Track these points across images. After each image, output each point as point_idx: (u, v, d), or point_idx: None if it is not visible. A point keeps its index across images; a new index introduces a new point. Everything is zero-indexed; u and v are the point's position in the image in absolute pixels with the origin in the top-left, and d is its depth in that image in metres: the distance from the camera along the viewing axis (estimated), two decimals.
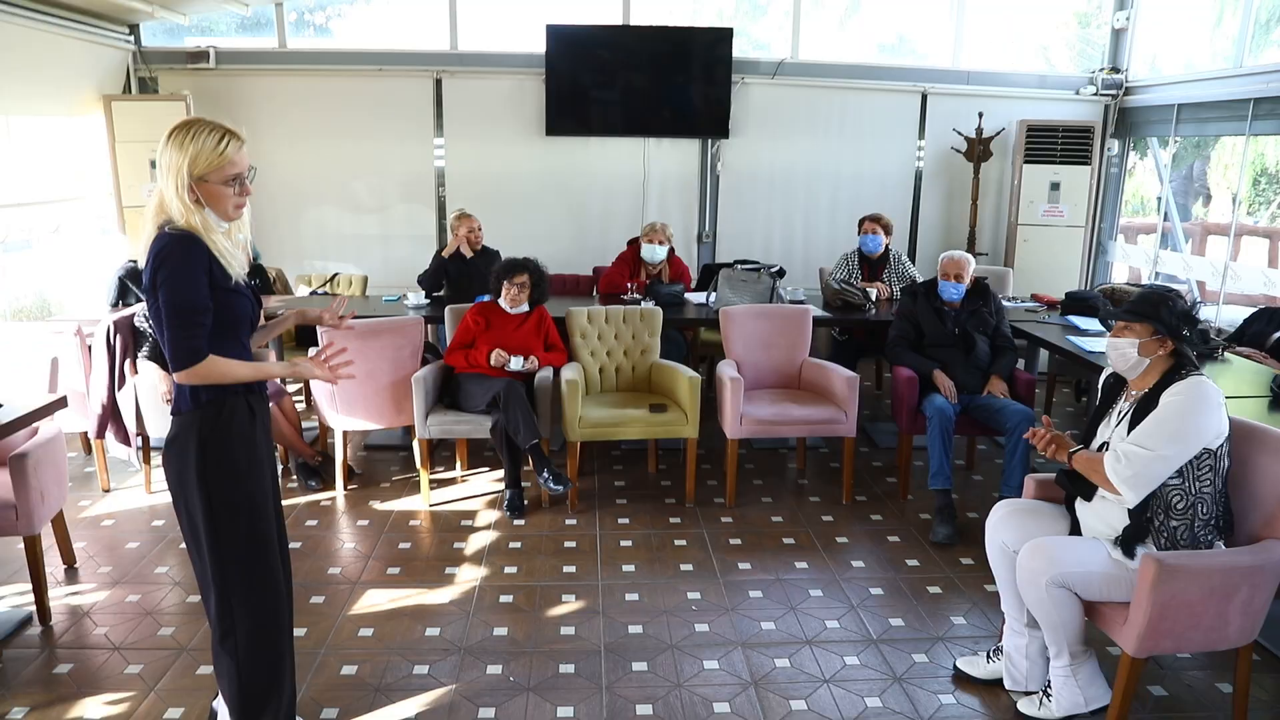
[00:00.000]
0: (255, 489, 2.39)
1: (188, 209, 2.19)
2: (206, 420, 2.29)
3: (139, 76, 6.73)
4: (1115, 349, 2.77)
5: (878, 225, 5.85)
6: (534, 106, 7.09)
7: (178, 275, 2.16)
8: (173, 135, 2.20)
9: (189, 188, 2.20)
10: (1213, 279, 6.37)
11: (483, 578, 3.85)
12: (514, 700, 2.97)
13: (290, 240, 7.19)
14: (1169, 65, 7.31)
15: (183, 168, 2.18)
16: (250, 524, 2.37)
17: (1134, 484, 2.59)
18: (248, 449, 2.37)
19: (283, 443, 4.85)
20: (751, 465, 5.25)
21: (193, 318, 2.18)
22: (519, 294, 4.68)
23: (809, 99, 7.31)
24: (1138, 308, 2.72)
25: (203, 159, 2.20)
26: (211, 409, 2.29)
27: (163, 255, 2.16)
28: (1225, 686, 3.06)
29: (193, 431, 2.28)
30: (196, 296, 2.18)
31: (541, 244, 6.33)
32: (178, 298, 2.16)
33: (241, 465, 2.35)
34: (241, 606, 2.38)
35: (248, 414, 2.37)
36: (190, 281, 2.17)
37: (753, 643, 3.35)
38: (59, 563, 3.84)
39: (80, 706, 2.89)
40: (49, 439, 3.46)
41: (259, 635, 2.40)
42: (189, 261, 2.17)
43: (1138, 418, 2.65)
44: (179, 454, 2.30)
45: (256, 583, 2.40)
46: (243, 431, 2.35)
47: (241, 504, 2.35)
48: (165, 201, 2.21)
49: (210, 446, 2.29)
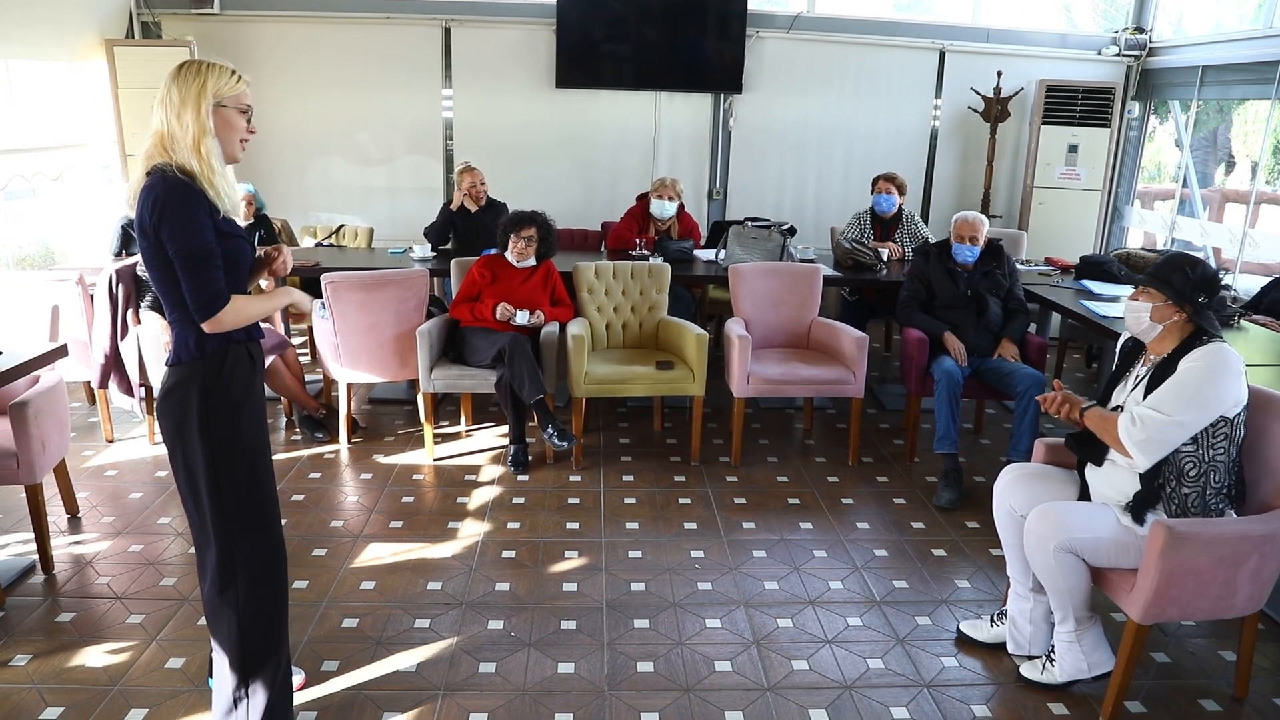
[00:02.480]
0: (256, 438, 2.37)
1: (203, 130, 2.15)
2: (211, 370, 2.24)
3: (142, 21, 6.61)
4: (1131, 312, 2.72)
5: (891, 185, 5.76)
6: (544, 58, 6.97)
7: (183, 221, 2.10)
8: (184, 69, 2.17)
9: (210, 112, 2.16)
10: (1230, 246, 6.27)
11: (485, 533, 3.84)
12: (515, 655, 2.97)
13: (296, 191, 7.12)
14: (1195, 25, 7.14)
15: (205, 90, 2.15)
16: (252, 473, 2.35)
17: (1146, 448, 2.54)
18: (251, 400, 2.34)
19: (286, 395, 4.84)
20: (758, 425, 5.22)
21: (209, 261, 2.14)
22: (526, 247, 4.63)
23: (824, 54, 7.17)
24: (1156, 271, 2.67)
25: (223, 85, 2.19)
26: (217, 359, 2.25)
27: (163, 203, 2.10)
28: (1228, 654, 3.04)
29: (195, 382, 2.23)
30: (207, 240, 2.14)
31: (550, 198, 6.24)
32: (191, 244, 2.11)
33: (245, 413, 2.31)
34: (243, 558, 2.34)
35: (249, 362, 2.34)
36: (197, 226, 2.12)
37: (755, 602, 3.34)
38: (62, 512, 3.85)
39: (82, 655, 2.90)
40: (50, 388, 3.44)
41: (260, 588, 2.37)
42: (190, 205, 2.11)
43: (1155, 383, 2.61)
44: (178, 404, 2.25)
45: (259, 532, 2.37)
46: (245, 380, 2.32)
47: (245, 452, 2.32)
48: (169, 137, 2.15)
49: (213, 396, 2.24)
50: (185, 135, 2.14)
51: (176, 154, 2.14)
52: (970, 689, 2.86)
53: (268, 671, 2.40)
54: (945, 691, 2.85)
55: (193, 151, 2.15)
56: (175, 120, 2.14)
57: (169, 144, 2.15)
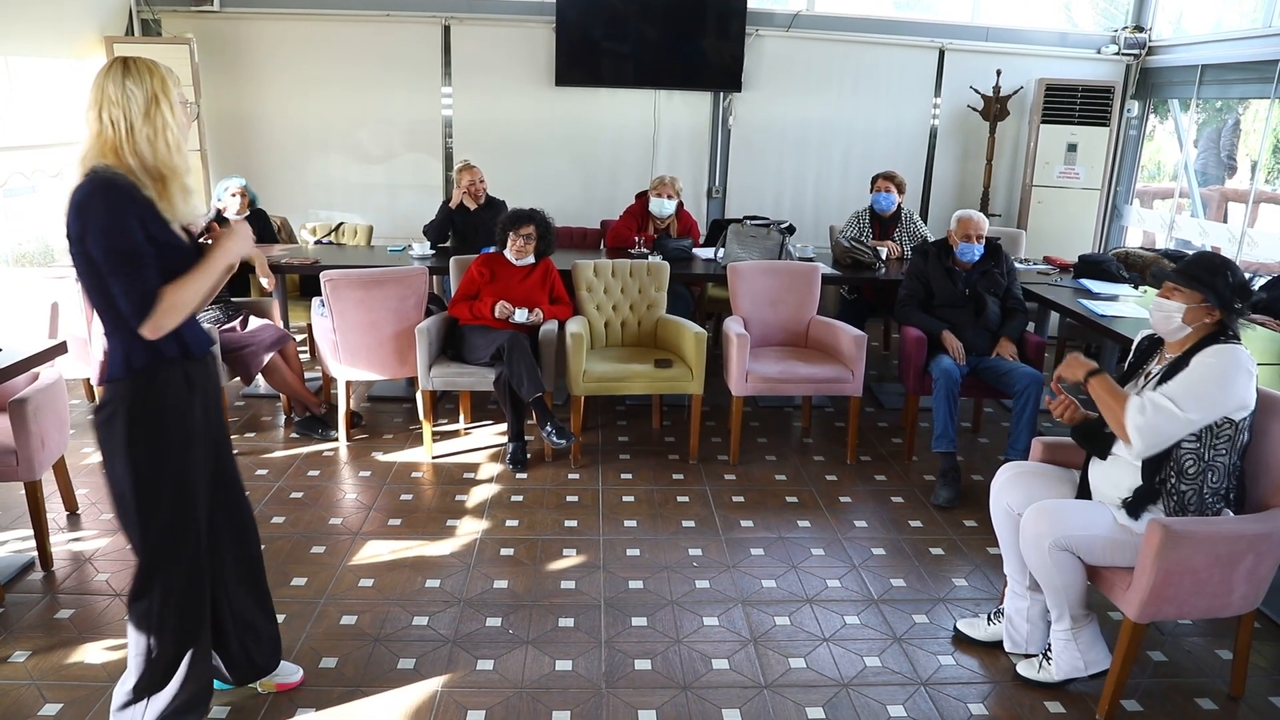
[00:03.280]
0: (186, 469, 2.23)
1: (182, 129, 2.09)
2: (138, 390, 2.13)
3: (142, 18, 6.61)
4: (1160, 310, 2.66)
5: (890, 183, 5.76)
6: (544, 56, 6.97)
7: (106, 222, 1.98)
8: (132, 65, 2.05)
9: (178, 103, 2.10)
10: (1229, 245, 6.28)
11: (484, 530, 3.85)
12: (513, 653, 2.98)
13: (296, 188, 7.12)
14: (1194, 24, 7.14)
15: (167, 86, 2.07)
16: (178, 500, 2.23)
17: (1145, 434, 2.51)
18: (181, 424, 2.20)
19: (286, 391, 4.84)
20: (756, 423, 5.23)
21: (138, 260, 2.01)
22: (525, 245, 4.63)
23: (824, 53, 7.17)
24: (1193, 272, 2.58)
25: (173, 78, 2.11)
26: (144, 378, 2.13)
27: (86, 205, 1.99)
28: (1225, 653, 3.05)
29: (122, 402, 2.12)
30: (132, 241, 2.00)
31: (549, 196, 6.25)
32: (116, 244, 1.99)
33: (173, 442, 2.19)
34: (163, 585, 2.25)
35: (183, 384, 2.20)
36: (120, 227, 1.98)
37: (753, 600, 3.35)
38: (61, 509, 3.85)
39: (81, 651, 2.91)
40: (49, 384, 3.44)
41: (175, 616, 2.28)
42: (116, 208, 1.99)
43: (1167, 379, 2.59)
44: (106, 423, 2.14)
45: (179, 567, 2.27)
46: (177, 404, 2.19)
47: (167, 487, 2.20)
48: (126, 139, 2.03)
49: (140, 421, 2.13)
50: (160, 133, 2.06)
51: (142, 154, 2.05)
52: (967, 687, 2.87)
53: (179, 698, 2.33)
54: (942, 690, 2.86)
55: (176, 151, 2.09)
56: (140, 119, 2.04)
57: (123, 145, 2.04)
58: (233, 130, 6.93)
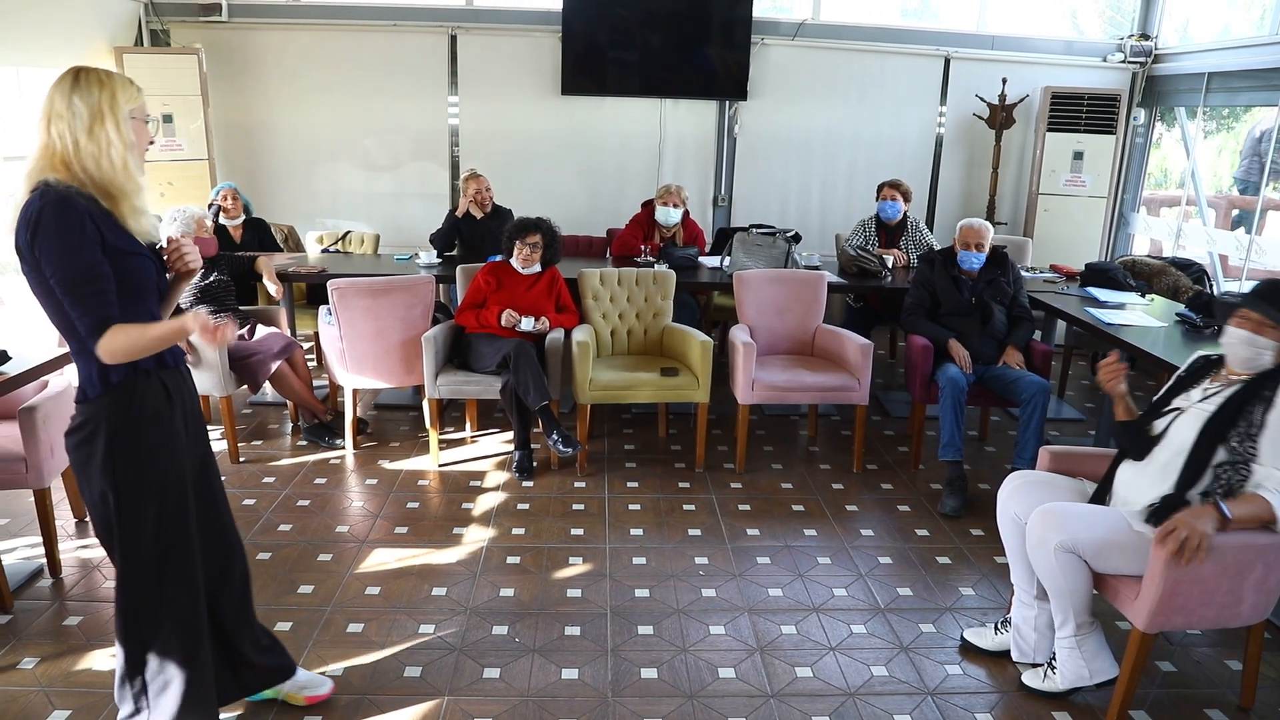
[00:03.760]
0: (172, 482, 2.16)
1: (127, 145, 2.02)
2: (116, 407, 2.06)
3: (151, 29, 6.65)
4: (1251, 345, 2.60)
5: (896, 191, 5.76)
6: (550, 65, 7.00)
7: (58, 241, 1.92)
8: (81, 79, 2.01)
9: (128, 123, 2.03)
10: (1236, 253, 6.26)
11: (490, 539, 3.85)
12: (519, 661, 2.98)
13: (303, 197, 7.15)
14: (1201, 32, 7.14)
15: (116, 101, 2.01)
16: (162, 515, 2.15)
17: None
18: (162, 435, 2.14)
19: (294, 399, 4.85)
20: (762, 431, 5.22)
21: (94, 282, 1.96)
22: (531, 254, 4.64)
23: (829, 61, 7.18)
24: (1263, 294, 2.58)
25: (130, 95, 2.06)
26: (122, 393, 2.07)
27: (37, 222, 1.92)
28: (1235, 663, 3.03)
29: (101, 420, 2.05)
30: (88, 259, 1.95)
31: (555, 204, 6.27)
32: (70, 266, 1.93)
33: (156, 455, 2.13)
34: (147, 608, 2.17)
35: (163, 395, 2.14)
36: (75, 246, 1.93)
37: (759, 609, 3.34)
38: (70, 516, 3.87)
39: (89, 658, 2.91)
40: (58, 393, 3.45)
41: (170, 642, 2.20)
42: (67, 222, 1.93)
43: (1234, 404, 2.56)
44: (84, 444, 2.07)
45: (169, 585, 2.19)
46: (157, 416, 2.12)
47: (153, 503, 2.13)
48: (73, 153, 1.98)
49: (120, 437, 2.06)
50: (104, 151, 1.99)
51: (89, 171, 1.99)
52: (974, 697, 2.86)
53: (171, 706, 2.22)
54: (949, 700, 2.85)
55: (122, 169, 2.01)
56: (84, 135, 1.98)
57: (73, 160, 1.98)
58: (240, 139, 6.97)
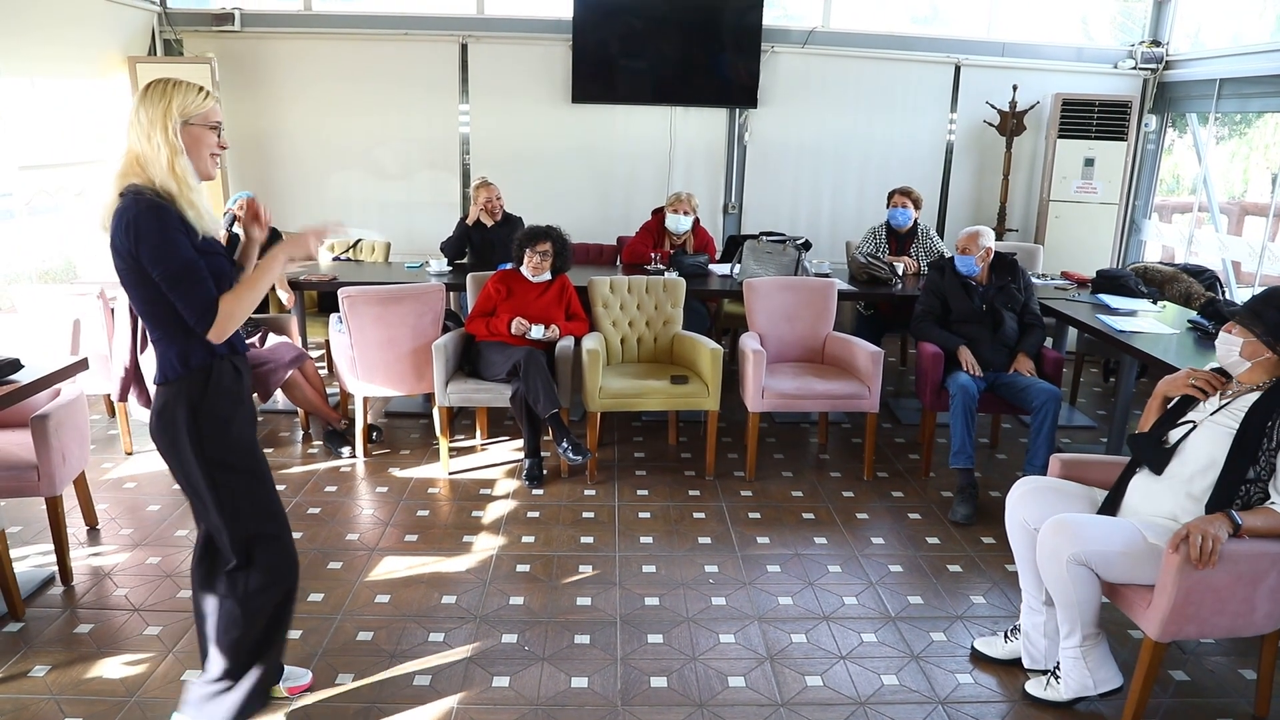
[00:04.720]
0: (249, 445, 2.43)
1: (174, 151, 2.18)
2: (196, 385, 2.29)
3: (164, 38, 6.70)
4: (1224, 344, 2.70)
5: (907, 199, 5.76)
6: (560, 73, 7.02)
7: (159, 241, 2.14)
8: (150, 90, 2.21)
9: (178, 131, 2.20)
10: (1249, 260, 6.23)
11: (500, 547, 3.85)
12: (529, 669, 2.97)
13: (315, 205, 7.17)
14: (1213, 38, 7.11)
15: (171, 110, 2.19)
16: (253, 478, 2.43)
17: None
18: (238, 404, 2.40)
19: (306, 407, 4.87)
20: (773, 439, 5.21)
21: (195, 274, 2.18)
22: (541, 262, 4.65)
23: (840, 69, 7.18)
24: (1251, 305, 2.63)
25: (190, 103, 2.23)
26: (200, 374, 2.30)
27: (137, 225, 2.13)
28: (1249, 673, 3.01)
29: (182, 398, 2.29)
30: (187, 255, 2.17)
31: (565, 212, 6.28)
32: (173, 263, 2.15)
33: (234, 423, 2.37)
34: (261, 559, 2.44)
35: (234, 375, 2.39)
36: (174, 245, 2.15)
37: (769, 617, 3.33)
38: (81, 524, 3.88)
39: (100, 666, 2.92)
40: (70, 401, 3.48)
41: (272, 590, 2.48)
42: (165, 225, 2.15)
43: (1254, 419, 2.55)
44: (170, 423, 2.31)
45: (272, 539, 2.47)
46: (232, 393, 2.37)
47: (241, 460, 2.39)
48: (143, 158, 2.19)
49: (202, 411, 2.30)
50: (158, 156, 2.18)
51: (152, 175, 2.18)
52: (985, 706, 2.85)
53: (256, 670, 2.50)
54: (960, 709, 2.83)
55: (169, 172, 2.18)
56: (145, 141, 2.19)
57: (143, 164, 2.19)
58: (253, 148, 7.01)
